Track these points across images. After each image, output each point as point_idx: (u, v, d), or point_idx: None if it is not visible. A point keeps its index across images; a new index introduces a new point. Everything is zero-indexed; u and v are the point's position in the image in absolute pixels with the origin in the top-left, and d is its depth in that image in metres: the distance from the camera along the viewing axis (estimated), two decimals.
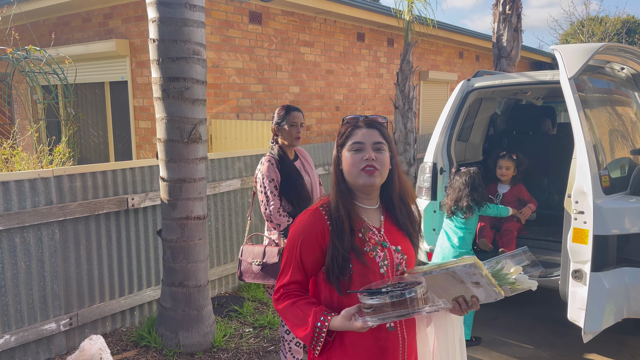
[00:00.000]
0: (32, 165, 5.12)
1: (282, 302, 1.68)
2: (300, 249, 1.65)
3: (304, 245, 1.65)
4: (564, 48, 3.64)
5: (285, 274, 1.69)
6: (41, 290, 3.59)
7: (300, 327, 1.62)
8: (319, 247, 1.64)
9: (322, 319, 1.57)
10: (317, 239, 1.64)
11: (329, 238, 1.63)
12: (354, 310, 1.52)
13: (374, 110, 9.89)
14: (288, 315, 1.66)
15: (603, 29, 22.77)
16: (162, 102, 3.61)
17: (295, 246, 1.66)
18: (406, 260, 1.71)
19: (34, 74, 6.84)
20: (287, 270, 1.68)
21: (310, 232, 1.65)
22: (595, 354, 3.94)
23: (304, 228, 1.66)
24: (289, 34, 7.93)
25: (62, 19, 7.95)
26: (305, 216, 1.69)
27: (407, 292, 1.45)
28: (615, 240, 3.36)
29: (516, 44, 8.65)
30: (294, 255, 1.66)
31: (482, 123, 5.67)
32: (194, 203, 3.73)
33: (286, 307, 1.66)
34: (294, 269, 1.67)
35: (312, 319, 1.58)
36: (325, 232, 1.64)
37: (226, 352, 3.84)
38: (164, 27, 3.50)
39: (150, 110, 6.93)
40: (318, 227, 1.65)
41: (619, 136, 4.16)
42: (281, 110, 3.30)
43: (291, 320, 1.65)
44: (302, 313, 1.61)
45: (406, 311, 1.46)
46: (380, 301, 1.46)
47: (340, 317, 1.54)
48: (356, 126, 1.69)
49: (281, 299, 1.68)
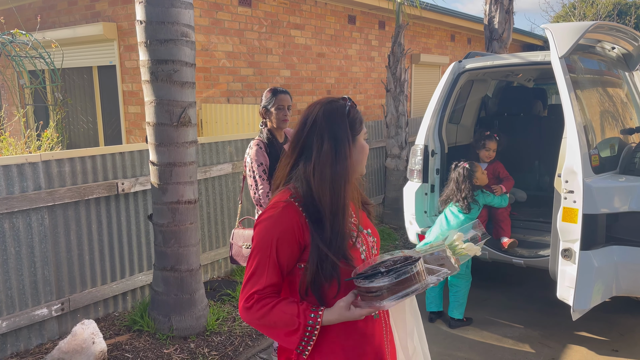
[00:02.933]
0: (19, 150, 5.06)
1: (259, 308, 1.48)
2: (277, 247, 1.48)
3: (280, 243, 1.48)
4: (555, 27, 3.63)
5: (258, 277, 1.49)
6: (32, 276, 3.57)
7: (284, 330, 1.47)
8: (296, 243, 1.50)
9: (312, 315, 1.45)
10: (295, 235, 1.49)
11: (308, 233, 1.50)
12: (351, 298, 1.45)
13: (366, 95, 9.85)
14: (268, 321, 1.48)
15: (595, 10, 22.74)
16: (150, 86, 3.56)
17: (270, 245, 1.49)
18: (376, 243, 1.67)
19: (20, 58, 6.73)
20: (262, 273, 1.49)
21: (287, 228, 1.49)
22: (585, 332, 3.99)
23: (278, 224, 1.49)
24: (279, 16, 7.84)
25: (48, 2, 7.80)
26: (277, 210, 1.51)
27: (409, 269, 1.41)
28: (604, 219, 3.39)
29: (508, 26, 8.61)
30: (268, 256, 1.49)
31: (474, 105, 5.66)
32: (185, 187, 3.71)
33: (266, 313, 1.47)
34: (269, 271, 1.49)
35: (301, 318, 1.45)
36: (304, 226, 1.50)
37: (219, 336, 3.85)
38: (151, 8, 3.44)
39: (139, 95, 6.86)
40: (295, 221, 1.49)
41: (609, 116, 4.17)
42: (268, 93, 3.28)
43: (272, 327, 1.49)
44: (287, 315, 1.46)
45: (416, 286, 1.42)
46: (388, 282, 1.39)
47: (336, 308, 1.45)
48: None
49: (256, 306, 1.48)
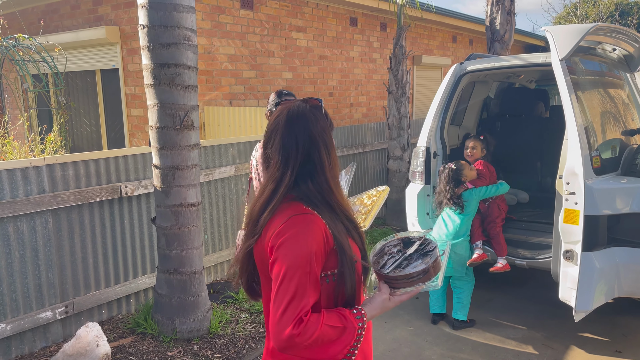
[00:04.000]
0: (23, 154, 5.09)
1: (313, 329, 1.36)
2: (315, 262, 1.40)
3: (317, 257, 1.41)
4: (555, 29, 3.63)
5: (301, 298, 1.37)
6: (36, 279, 3.59)
7: (336, 342, 1.41)
8: (325, 253, 1.45)
9: (358, 317, 1.44)
10: (325, 246, 1.45)
11: (332, 240, 1.46)
12: (387, 289, 1.51)
13: (368, 96, 9.87)
14: (324, 337, 1.38)
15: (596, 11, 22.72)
16: (153, 89, 3.59)
17: (310, 261, 1.39)
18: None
19: (23, 62, 6.77)
20: (303, 292, 1.37)
21: (320, 242, 1.43)
22: (588, 333, 3.99)
23: (312, 238, 1.41)
24: (281, 19, 7.87)
25: (51, 6, 7.85)
26: (306, 225, 1.43)
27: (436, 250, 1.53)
28: (606, 221, 3.39)
29: (509, 27, 8.61)
30: (309, 273, 1.39)
31: (475, 107, 5.67)
32: (188, 190, 3.72)
33: (321, 332, 1.37)
34: (312, 288, 1.39)
35: (350, 324, 1.41)
36: (329, 236, 1.46)
37: (222, 338, 3.87)
38: (153, 12, 3.47)
39: (142, 98, 6.88)
40: (325, 230, 1.46)
41: (611, 117, 4.17)
42: (273, 96, 3.30)
43: (323, 344, 1.40)
44: (338, 325, 1.40)
45: (443, 266, 1.54)
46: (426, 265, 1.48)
47: (379, 302, 1.50)
48: None
49: (309, 328, 1.36)
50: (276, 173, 1.51)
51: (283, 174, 1.50)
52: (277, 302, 1.37)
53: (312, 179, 1.50)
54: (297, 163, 1.50)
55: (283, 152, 1.50)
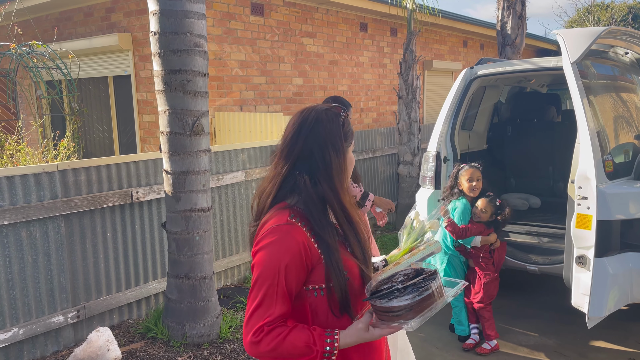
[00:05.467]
0: (37, 160, 5.15)
1: (270, 341, 1.36)
2: (286, 274, 1.39)
3: (289, 271, 1.39)
4: (566, 32, 3.61)
5: (266, 308, 1.38)
6: (48, 284, 3.63)
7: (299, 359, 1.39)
8: (303, 267, 1.42)
9: (328, 341, 1.38)
10: (302, 259, 1.41)
11: (316, 251, 1.43)
12: (368, 318, 1.39)
13: (378, 101, 9.86)
14: (281, 353, 1.37)
15: (609, 15, 22.55)
16: (164, 95, 3.62)
17: (278, 273, 1.38)
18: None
19: (37, 69, 6.86)
20: (270, 303, 1.38)
21: (294, 253, 1.40)
22: (602, 340, 3.94)
23: (284, 249, 1.39)
24: (291, 25, 7.90)
25: (65, 13, 7.96)
26: (281, 235, 1.41)
27: (433, 283, 1.34)
28: (619, 226, 3.35)
29: (521, 31, 8.57)
30: (277, 284, 1.38)
31: (486, 111, 5.64)
32: (198, 195, 3.74)
33: (278, 345, 1.36)
34: (279, 301, 1.39)
35: (318, 346, 1.36)
36: (311, 246, 1.42)
37: (232, 343, 3.87)
38: (164, 19, 3.50)
39: (153, 104, 6.94)
40: (302, 243, 1.41)
41: (623, 121, 4.13)
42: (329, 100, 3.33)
43: (289, 356, 1.38)
44: (301, 343, 1.36)
45: (438, 302, 1.35)
46: (410, 301, 1.32)
47: (354, 330, 1.39)
48: None
49: (266, 339, 1.37)
50: (273, 170, 1.51)
51: (282, 168, 1.49)
52: (247, 307, 1.43)
53: (312, 178, 1.45)
54: (295, 156, 1.48)
55: (284, 145, 1.51)
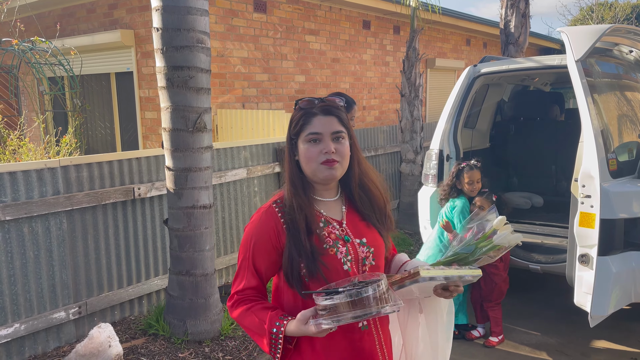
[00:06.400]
0: (39, 156, 5.15)
1: (237, 308, 1.55)
2: (253, 252, 1.53)
3: (257, 249, 1.53)
4: (570, 30, 3.59)
5: (240, 279, 1.56)
6: (50, 280, 3.62)
7: (258, 334, 1.51)
8: (273, 249, 1.53)
9: (277, 324, 1.45)
10: (270, 241, 1.52)
11: (284, 238, 1.51)
12: (310, 313, 1.39)
13: (380, 99, 9.84)
14: (245, 322, 1.54)
15: (612, 14, 22.49)
16: (166, 91, 3.61)
17: (248, 249, 1.54)
18: (373, 253, 1.59)
19: (39, 65, 6.86)
20: (242, 275, 1.56)
21: (263, 234, 1.53)
22: (604, 340, 3.92)
23: (256, 229, 1.54)
24: (294, 22, 7.89)
25: (67, 10, 7.95)
26: (258, 215, 1.56)
27: (363, 291, 1.33)
28: (622, 224, 3.34)
29: (524, 30, 8.54)
30: (247, 259, 1.54)
31: (489, 110, 5.63)
32: (200, 192, 3.73)
33: (241, 314, 1.53)
34: (248, 274, 1.55)
35: (267, 325, 1.47)
36: (280, 232, 1.52)
37: (233, 340, 3.87)
38: (167, 15, 3.49)
39: (156, 101, 6.94)
40: (271, 227, 1.53)
41: (627, 120, 4.11)
42: None
43: (249, 328, 1.53)
44: (257, 320, 1.50)
45: (363, 312, 1.33)
46: (334, 302, 1.33)
47: (295, 321, 1.42)
48: (311, 113, 1.52)
49: (235, 306, 1.56)
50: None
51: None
52: None
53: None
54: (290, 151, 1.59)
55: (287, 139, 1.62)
